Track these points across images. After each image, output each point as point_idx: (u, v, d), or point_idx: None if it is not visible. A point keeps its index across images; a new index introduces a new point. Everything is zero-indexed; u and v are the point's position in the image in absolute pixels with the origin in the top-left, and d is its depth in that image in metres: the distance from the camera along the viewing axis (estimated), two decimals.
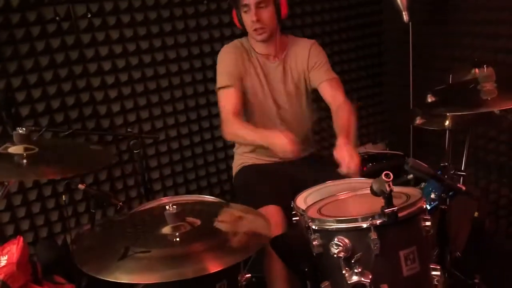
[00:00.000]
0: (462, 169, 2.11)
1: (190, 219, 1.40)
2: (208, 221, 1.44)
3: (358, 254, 1.21)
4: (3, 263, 1.94)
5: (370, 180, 1.90)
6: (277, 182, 2.13)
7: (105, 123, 2.45)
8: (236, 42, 2.16)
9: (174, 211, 1.35)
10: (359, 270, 1.20)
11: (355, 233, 1.26)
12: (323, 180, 1.97)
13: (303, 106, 2.26)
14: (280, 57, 2.16)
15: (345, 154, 1.76)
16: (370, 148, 3.29)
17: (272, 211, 1.95)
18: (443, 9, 2.78)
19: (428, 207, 1.95)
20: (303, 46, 2.19)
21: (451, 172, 2.04)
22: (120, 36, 2.40)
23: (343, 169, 1.75)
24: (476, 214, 2.38)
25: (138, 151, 2.23)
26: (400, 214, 1.23)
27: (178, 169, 2.67)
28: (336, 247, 1.25)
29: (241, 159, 2.29)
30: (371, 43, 3.25)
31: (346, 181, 1.98)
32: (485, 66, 1.57)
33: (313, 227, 1.33)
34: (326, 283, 1.32)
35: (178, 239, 1.32)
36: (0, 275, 1.87)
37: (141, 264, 1.20)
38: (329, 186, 1.95)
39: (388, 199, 1.21)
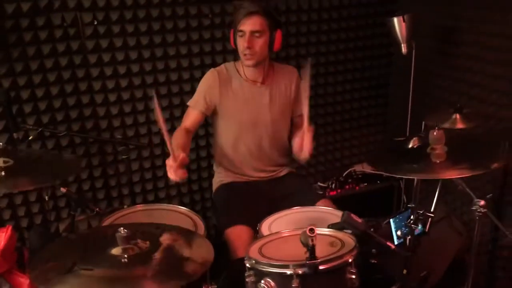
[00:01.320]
0: (431, 210, 2.14)
1: (140, 242, 1.51)
2: (156, 245, 1.54)
3: None
4: None
5: (336, 212, 2.01)
6: (252, 202, 2.24)
7: (103, 124, 2.60)
8: (221, 67, 2.26)
9: (125, 234, 1.46)
10: None
11: (281, 278, 1.35)
12: (296, 202, 2.09)
13: (285, 127, 2.35)
14: (266, 83, 2.24)
15: (302, 142, 2.03)
16: (367, 168, 3.32)
17: (240, 232, 2.06)
18: (449, 41, 2.76)
19: (395, 242, 2.06)
20: (289, 74, 2.30)
21: (419, 213, 2.09)
22: (123, 44, 2.52)
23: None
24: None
25: (126, 156, 2.39)
26: (321, 266, 1.31)
27: (159, 174, 2.80)
28: None
29: (219, 177, 2.40)
30: (378, 65, 3.27)
31: (312, 208, 2.09)
32: (436, 128, 1.58)
33: (247, 264, 1.43)
34: None
35: (125, 260, 1.44)
36: None
37: (81, 281, 1.32)
38: (296, 212, 2.05)
39: (311, 251, 1.29)
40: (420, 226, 2.21)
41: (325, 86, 3.14)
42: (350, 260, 1.37)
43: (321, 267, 1.31)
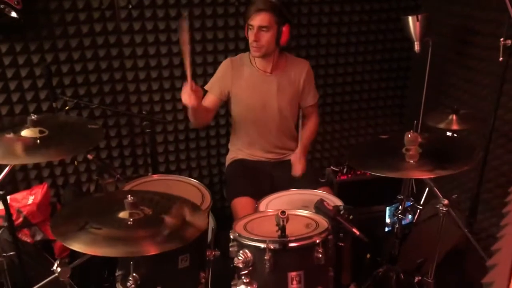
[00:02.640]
0: (421, 203, 2.30)
1: (145, 208, 1.77)
2: (158, 212, 1.78)
3: (249, 268, 1.53)
4: (30, 201, 2.48)
5: (332, 197, 2.19)
6: (258, 179, 2.48)
7: (132, 98, 2.88)
8: (236, 57, 2.50)
9: (132, 201, 1.72)
10: (247, 280, 1.52)
11: (256, 250, 1.57)
12: (298, 186, 2.30)
13: (291, 115, 2.56)
14: (275, 72, 2.43)
15: (296, 161, 2.36)
16: None
17: (245, 202, 2.31)
18: (465, 41, 2.82)
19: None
20: (299, 67, 2.47)
21: (409, 205, 2.26)
22: (154, 27, 2.75)
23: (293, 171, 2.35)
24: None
25: (150, 130, 2.65)
26: (291, 244, 1.53)
27: (181, 147, 3.05)
28: (239, 257, 1.58)
29: (232, 154, 2.64)
30: (398, 57, 3.36)
31: (308, 192, 2.28)
32: (411, 131, 1.73)
33: (231, 236, 1.67)
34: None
35: (131, 223, 1.70)
36: (23, 212, 2.41)
37: (90, 238, 1.58)
38: (291, 194, 2.25)
39: (282, 230, 1.51)
40: (410, 216, 2.39)
41: (344, 76, 3.28)
42: (318, 241, 1.57)
43: (290, 245, 1.54)
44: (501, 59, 1.63)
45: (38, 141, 1.79)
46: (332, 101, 3.31)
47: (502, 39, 1.61)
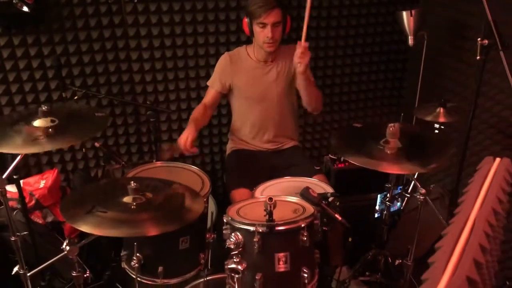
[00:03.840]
0: (409, 191, 2.43)
1: (147, 193, 1.91)
2: (158, 196, 1.91)
3: (240, 249, 1.68)
4: (42, 185, 2.64)
5: (325, 185, 2.31)
6: (256, 168, 2.60)
7: (138, 88, 3.02)
8: (233, 51, 2.61)
9: (134, 187, 1.86)
10: (237, 260, 1.67)
11: (246, 233, 1.71)
12: (294, 173, 2.42)
13: (290, 103, 2.67)
14: (275, 61, 2.55)
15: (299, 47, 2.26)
16: None
17: (242, 193, 2.44)
18: (460, 35, 2.90)
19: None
20: (291, 52, 2.54)
21: (397, 193, 2.39)
22: (158, 21, 2.88)
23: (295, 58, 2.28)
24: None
25: (154, 119, 2.78)
26: (278, 228, 1.66)
27: None
28: (231, 239, 1.72)
29: (232, 144, 2.78)
30: (397, 49, 3.45)
31: (303, 179, 2.40)
32: (394, 124, 1.84)
33: (224, 220, 1.81)
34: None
35: (134, 207, 1.83)
36: (35, 195, 2.58)
37: (97, 220, 1.72)
38: (285, 182, 2.38)
39: (269, 215, 1.65)
40: (398, 204, 2.53)
41: (343, 67, 3.38)
42: (303, 225, 1.70)
43: (277, 228, 1.67)
44: (478, 57, 1.73)
45: (50, 130, 1.92)
46: (331, 92, 3.42)
47: (479, 39, 1.71)
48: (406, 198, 2.53)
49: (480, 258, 0.96)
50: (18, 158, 1.95)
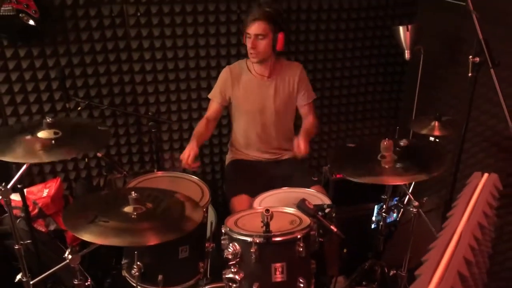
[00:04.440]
0: (404, 202, 2.47)
1: (148, 204, 1.96)
2: (158, 206, 1.96)
3: (237, 259, 1.73)
4: (45, 194, 2.69)
5: (322, 196, 2.36)
6: (255, 178, 2.66)
7: (140, 99, 3.08)
8: (234, 65, 2.68)
9: (135, 197, 1.91)
10: (235, 270, 1.72)
11: (244, 244, 1.76)
12: (292, 184, 2.47)
13: (287, 116, 2.74)
14: (272, 76, 2.61)
15: (298, 143, 2.38)
16: None
17: (242, 200, 2.49)
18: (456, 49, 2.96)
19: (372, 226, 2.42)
20: (293, 70, 2.65)
21: (393, 204, 2.44)
22: (160, 33, 2.94)
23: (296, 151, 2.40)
24: None
25: (155, 130, 2.84)
26: (274, 239, 1.71)
27: (186, 145, 3.16)
28: (229, 249, 1.77)
29: (231, 154, 2.83)
30: (394, 62, 3.52)
31: (297, 190, 2.44)
32: (386, 139, 1.89)
33: (223, 230, 1.86)
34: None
35: (134, 217, 1.88)
36: (39, 204, 2.63)
37: (99, 230, 1.77)
38: (283, 192, 2.43)
39: (266, 226, 1.70)
40: (394, 215, 2.57)
41: (341, 79, 3.45)
42: (299, 236, 1.75)
43: (274, 239, 1.72)
44: (470, 74, 1.79)
45: (53, 141, 1.98)
46: (329, 103, 3.48)
47: (470, 56, 1.77)
48: (402, 210, 2.58)
49: (465, 271, 1.01)
50: (24, 167, 2.00)
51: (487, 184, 1.30)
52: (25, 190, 2.42)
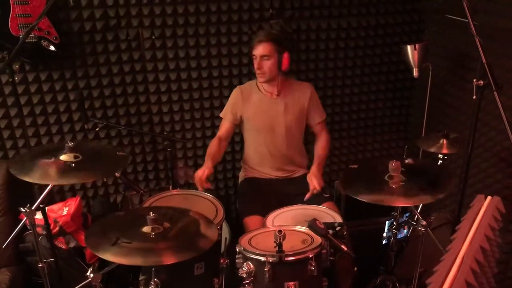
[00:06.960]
0: (415, 219, 2.52)
1: (165, 223, 2.04)
2: (175, 225, 2.04)
3: (251, 278, 1.80)
4: (65, 212, 2.79)
5: (333, 213, 2.41)
6: (268, 196, 2.72)
7: (155, 119, 3.18)
8: (244, 85, 2.79)
9: (153, 217, 1.99)
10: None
11: (257, 263, 1.83)
12: (303, 200, 2.54)
13: (298, 133, 2.81)
14: (281, 94, 2.70)
15: (313, 181, 2.50)
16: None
17: (255, 221, 2.55)
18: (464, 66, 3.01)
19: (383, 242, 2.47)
20: (303, 89, 2.72)
21: (404, 220, 2.49)
22: (174, 55, 3.05)
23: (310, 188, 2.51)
24: None
25: (171, 149, 2.93)
26: (287, 258, 1.78)
27: (200, 162, 3.31)
28: (243, 268, 1.84)
29: (244, 171, 2.91)
30: (403, 78, 3.57)
31: (309, 207, 2.50)
32: (394, 160, 1.95)
33: (237, 249, 1.93)
34: None
35: (153, 236, 1.96)
36: (59, 222, 2.73)
37: (122, 251, 1.83)
38: (295, 209, 2.49)
39: (279, 246, 1.77)
40: (405, 231, 2.62)
41: (351, 96, 3.51)
42: (311, 256, 1.82)
43: (286, 259, 1.79)
44: (474, 97, 1.84)
45: (73, 164, 2.08)
46: (340, 119, 3.55)
47: (474, 80, 1.82)
48: (412, 226, 2.62)
49: None
50: (47, 189, 2.10)
51: (489, 207, 1.36)
52: (46, 208, 2.52)
